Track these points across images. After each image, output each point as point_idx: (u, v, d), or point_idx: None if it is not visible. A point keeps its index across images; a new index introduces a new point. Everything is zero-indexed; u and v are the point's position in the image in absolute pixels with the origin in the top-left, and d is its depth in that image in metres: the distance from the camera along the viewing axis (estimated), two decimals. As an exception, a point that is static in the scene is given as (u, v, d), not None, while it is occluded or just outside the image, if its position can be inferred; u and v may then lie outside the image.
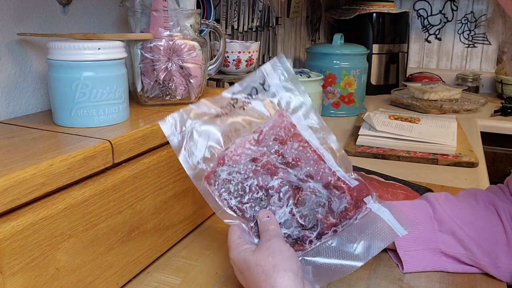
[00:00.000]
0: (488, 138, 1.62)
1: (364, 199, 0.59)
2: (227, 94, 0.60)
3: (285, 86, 0.61)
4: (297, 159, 0.59)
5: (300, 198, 0.58)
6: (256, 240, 0.58)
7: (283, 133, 0.60)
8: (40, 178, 0.49)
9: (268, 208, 0.58)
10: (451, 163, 1.13)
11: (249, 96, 0.60)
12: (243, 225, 0.58)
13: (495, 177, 1.57)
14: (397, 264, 0.68)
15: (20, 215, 0.48)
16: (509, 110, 1.72)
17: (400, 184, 0.92)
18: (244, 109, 0.60)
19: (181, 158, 0.58)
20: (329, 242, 0.58)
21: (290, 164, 0.59)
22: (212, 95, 0.88)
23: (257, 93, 0.60)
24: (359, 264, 0.55)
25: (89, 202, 0.55)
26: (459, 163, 1.12)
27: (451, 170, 1.10)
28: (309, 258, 0.58)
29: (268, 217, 0.57)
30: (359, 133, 1.25)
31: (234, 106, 0.60)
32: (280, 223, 0.58)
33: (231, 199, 0.58)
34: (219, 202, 0.58)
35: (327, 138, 0.61)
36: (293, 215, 0.58)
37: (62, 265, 0.52)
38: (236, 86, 0.60)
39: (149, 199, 0.66)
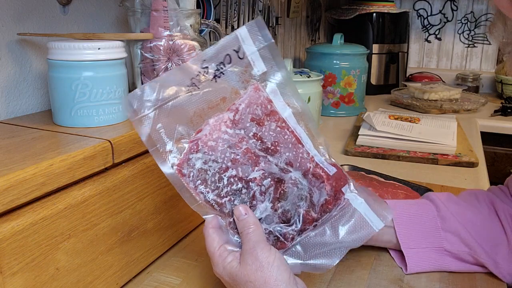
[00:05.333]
0: (488, 138, 1.62)
1: (341, 188, 0.56)
2: (196, 62, 0.52)
3: (262, 55, 0.54)
4: (276, 143, 0.54)
5: (282, 192, 0.53)
6: (235, 237, 0.54)
7: (260, 111, 0.54)
8: (40, 178, 0.49)
9: (248, 203, 0.53)
10: (451, 163, 1.13)
11: (222, 65, 0.53)
12: (220, 218, 0.54)
13: (495, 177, 1.57)
14: (401, 268, 0.68)
15: (20, 215, 0.48)
16: (509, 110, 1.72)
17: (400, 184, 0.92)
18: (216, 81, 0.53)
19: (149, 146, 0.52)
20: (306, 239, 0.55)
21: (270, 150, 0.54)
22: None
23: (230, 62, 0.53)
24: (335, 262, 0.54)
25: (89, 202, 0.55)
26: (459, 163, 1.12)
27: (451, 170, 1.10)
28: (289, 261, 0.55)
29: (246, 214, 0.53)
30: (359, 133, 1.25)
31: (204, 76, 0.52)
32: (260, 219, 0.53)
33: (208, 192, 0.52)
34: (195, 196, 0.53)
35: (304, 116, 0.56)
36: (276, 210, 0.53)
37: (62, 265, 0.52)
38: (207, 52, 0.52)
39: (149, 199, 0.66)
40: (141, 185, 0.64)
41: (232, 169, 0.53)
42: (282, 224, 0.54)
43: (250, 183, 0.53)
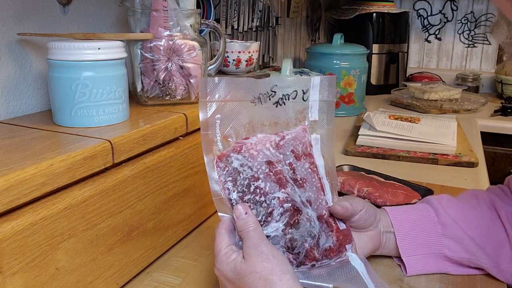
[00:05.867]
0: (488, 138, 1.62)
1: (346, 245, 0.59)
2: (269, 83, 0.59)
3: (321, 106, 0.62)
4: (304, 180, 0.59)
5: (296, 221, 0.56)
6: (241, 243, 0.55)
7: (300, 148, 0.60)
8: (40, 178, 0.49)
9: (264, 217, 0.55)
10: (451, 163, 1.13)
11: (287, 96, 0.60)
12: (232, 222, 0.56)
13: (495, 177, 1.57)
14: (399, 265, 0.68)
15: (20, 215, 0.48)
16: (509, 110, 1.72)
17: (400, 184, 0.92)
18: (276, 106, 0.60)
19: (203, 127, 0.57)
20: (304, 270, 0.57)
21: (298, 182, 0.58)
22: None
23: (295, 98, 0.60)
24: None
25: (89, 202, 0.55)
26: (459, 163, 1.12)
27: (451, 170, 1.10)
28: None
29: (246, 213, 0.54)
30: (359, 133, 1.25)
31: (269, 99, 0.59)
32: (268, 236, 0.55)
33: (233, 191, 0.56)
34: (221, 189, 0.56)
35: (331, 173, 0.62)
36: (285, 234, 0.55)
37: (62, 265, 0.52)
38: (282, 80, 0.60)
39: (149, 199, 0.66)
40: (141, 185, 0.64)
41: (261, 181, 0.56)
42: (285, 250, 0.56)
43: (272, 200, 0.56)
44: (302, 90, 0.60)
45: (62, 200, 0.52)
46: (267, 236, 0.55)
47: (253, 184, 0.56)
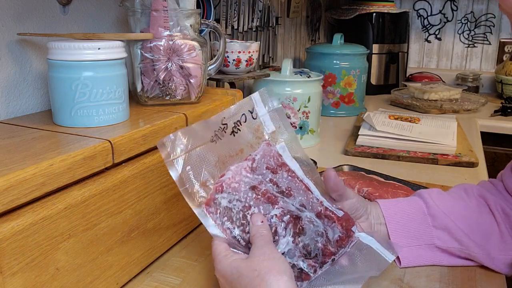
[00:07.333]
0: (488, 138, 1.62)
1: (351, 228, 0.61)
2: (218, 119, 0.61)
3: (272, 116, 0.64)
4: (290, 188, 0.61)
5: (300, 228, 0.58)
6: (240, 251, 0.57)
7: (273, 162, 0.62)
8: (40, 178, 0.49)
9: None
10: (451, 163, 1.13)
11: (238, 123, 0.62)
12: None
13: (495, 177, 1.57)
14: (395, 260, 0.68)
15: (20, 215, 0.48)
16: (509, 110, 1.72)
17: (400, 184, 0.92)
18: (234, 135, 0.62)
19: (179, 185, 0.57)
20: (328, 271, 0.59)
21: (285, 193, 0.60)
22: (212, 95, 0.88)
23: (245, 121, 0.63)
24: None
25: (89, 202, 0.55)
26: (459, 163, 1.12)
27: (451, 170, 1.10)
28: None
29: (262, 221, 0.56)
30: (359, 133, 1.25)
31: (225, 132, 0.61)
32: (283, 253, 0.56)
33: (234, 228, 0.57)
34: (222, 232, 0.57)
35: (310, 170, 0.64)
36: (297, 244, 0.57)
37: (62, 265, 0.52)
38: (227, 111, 0.61)
39: (149, 199, 0.66)
40: (141, 185, 0.64)
41: (254, 207, 0.57)
42: (304, 258, 0.57)
43: (271, 219, 0.57)
44: (249, 111, 0.63)
45: (62, 200, 0.52)
46: (283, 253, 0.57)
47: (248, 213, 0.57)
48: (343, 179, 0.92)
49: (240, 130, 0.62)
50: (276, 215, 0.57)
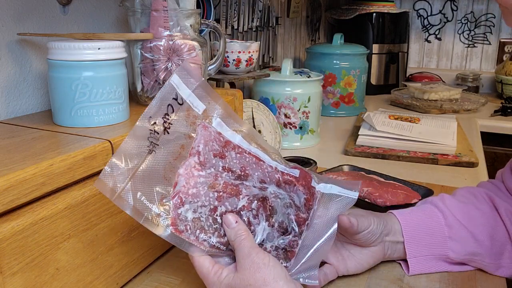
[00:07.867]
0: (488, 138, 1.62)
1: (311, 184, 0.59)
2: (144, 121, 0.54)
3: (198, 94, 0.56)
4: (244, 168, 0.56)
5: (270, 208, 0.56)
6: (226, 259, 0.55)
7: (217, 145, 0.56)
8: (40, 178, 0.49)
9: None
10: (451, 163, 1.13)
11: (167, 116, 0.55)
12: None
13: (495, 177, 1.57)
14: (399, 263, 0.68)
15: (20, 215, 0.48)
16: (509, 110, 1.72)
17: (400, 184, 0.92)
18: (168, 132, 0.55)
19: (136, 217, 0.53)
20: (306, 234, 0.59)
21: (242, 176, 0.56)
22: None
23: (173, 111, 0.55)
24: (335, 227, 0.58)
25: (89, 202, 0.55)
26: (459, 163, 1.12)
27: (451, 170, 1.10)
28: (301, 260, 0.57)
29: (236, 222, 0.54)
30: (359, 133, 1.25)
31: (157, 133, 0.54)
32: (263, 239, 0.56)
33: (209, 237, 0.54)
34: (199, 246, 0.54)
35: (252, 136, 0.59)
36: (272, 226, 0.56)
37: (62, 265, 0.52)
38: (150, 109, 0.54)
39: (149, 199, 0.66)
40: (141, 185, 0.64)
41: (220, 206, 0.55)
42: (282, 236, 0.57)
43: (241, 212, 0.56)
44: (173, 98, 0.55)
45: (62, 200, 0.52)
46: (262, 240, 0.56)
47: (217, 216, 0.55)
48: (343, 179, 0.91)
49: (171, 124, 0.55)
50: (244, 205, 0.55)
